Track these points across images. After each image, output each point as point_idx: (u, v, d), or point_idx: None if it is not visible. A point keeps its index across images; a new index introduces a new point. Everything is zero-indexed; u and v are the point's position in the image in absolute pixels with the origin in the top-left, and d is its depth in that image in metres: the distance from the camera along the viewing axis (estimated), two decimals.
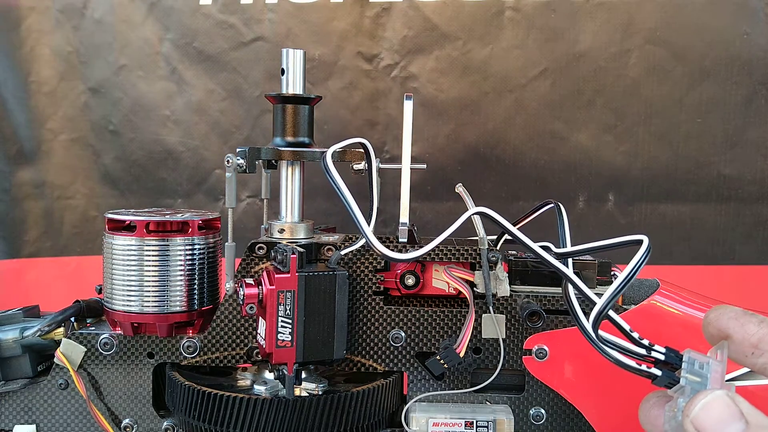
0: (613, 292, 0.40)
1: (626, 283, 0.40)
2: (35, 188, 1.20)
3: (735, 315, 0.38)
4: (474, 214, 0.46)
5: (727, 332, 0.37)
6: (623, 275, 0.40)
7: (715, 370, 0.36)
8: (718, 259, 1.11)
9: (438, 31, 1.11)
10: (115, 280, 0.58)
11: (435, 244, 0.48)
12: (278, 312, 0.52)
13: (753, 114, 1.08)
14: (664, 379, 0.39)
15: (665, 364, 0.39)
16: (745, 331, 0.37)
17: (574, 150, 1.11)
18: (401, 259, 0.47)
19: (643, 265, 0.41)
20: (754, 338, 0.37)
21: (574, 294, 0.44)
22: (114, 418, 0.60)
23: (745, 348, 0.37)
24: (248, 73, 1.15)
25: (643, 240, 0.41)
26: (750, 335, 0.37)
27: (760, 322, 0.37)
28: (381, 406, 0.56)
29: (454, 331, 0.58)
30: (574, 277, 0.44)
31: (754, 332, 0.37)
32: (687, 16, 1.07)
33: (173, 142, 1.17)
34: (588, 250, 0.47)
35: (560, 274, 0.45)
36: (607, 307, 0.40)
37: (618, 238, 0.44)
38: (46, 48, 1.17)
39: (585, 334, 0.40)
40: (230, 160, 0.56)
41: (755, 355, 0.37)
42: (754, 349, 0.37)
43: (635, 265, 0.40)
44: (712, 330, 0.38)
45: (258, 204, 1.16)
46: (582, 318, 0.41)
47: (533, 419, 0.58)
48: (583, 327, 0.40)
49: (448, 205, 1.13)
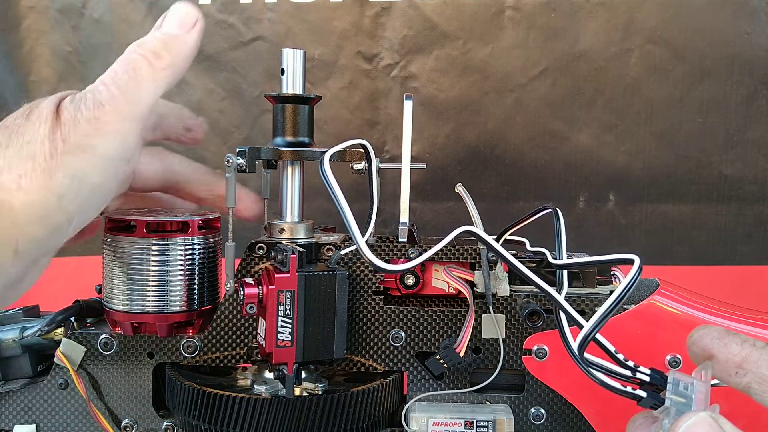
0: (602, 315, 0.40)
1: (616, 305, 0.40)
2: None
3: (718, 335, 0.38)
4: (461, 232, 0.47)
5: (711, 352, 0.38)
6: (613, 297, 0.40)
7: (700, 390, 0.36)
8: (719, 259, 1.11)
9: (438, 30, 1.11)
10: (115, 280, 0.58)
11: (425, 258, 0.49)
12: (278, 312, 0.52)
13: (754, 114, 1.08)
14: (649, 400, 0.39)
15: (650, 386, 0.39)
16: (729, 351, 0.37)
17: (575, 150, 1.11)
18: (391, 270, 0.47)
19: (634, 285, 0.41)
20: (738, 358, 0.37)
21: (564, 316, 0.44)
22: (114, 417, 0.60)
23: (729, 368, 0.37)
24: (247, 72, 1.15)
25: (635, 259, 0.42)
26: (733, 355, 0.37)
27: (743, 342, 0.37)
28: (381, 406, 0.56)
29: (454, 331, 0.58)
30: (561, 299, 0.44)
31: (737, 352, 0.37)
32: (688, 15, 1.07)
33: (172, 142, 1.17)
34: (581, 264, 0.48)
35: (548, 297, 0.45)
36: (593, 331, 0.40)
37: (611, 256, 0.46)
38: (45, 48, 1.17)
39: (573, 357, 0.40)
40: (230, 160, 0.56)
41: (739, 375, 0.37)
42: (738, 369, 0.37)
43: (626, 286, 0.41)
44: (696, 350, 0.39)
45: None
46: (570, 341, 0.41)
47: (533, 419, 0.58)
48: (571, 350, 0.41)
49: (448, 205, 1.13)
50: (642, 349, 0.56)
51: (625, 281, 0.40)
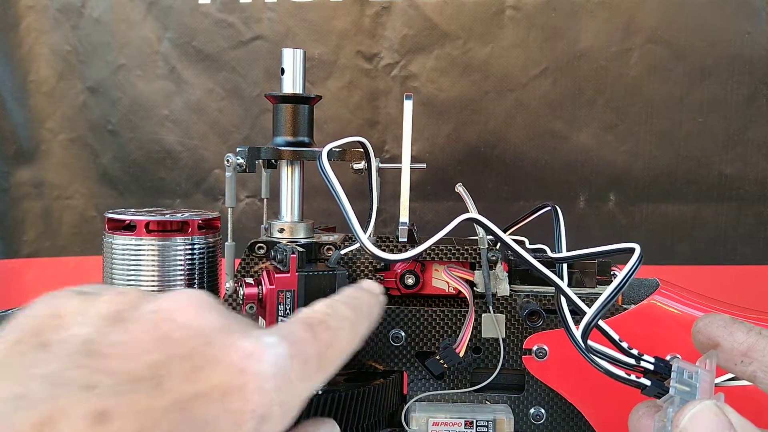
0: (604, 301, 0.40)
1: (617, 291, 0.40)
2: (34, 188, 1.20)
3: (724, 323, 0.38)
4: (464, 220, 0.46)
5: (716, 341, 0.37)
6: (614, 284, 0.40)
7: (704, 379, 0.36)
8: (720, 259, 1.11)
9: (438, 30, 1.11)
10: (115, 279, 0.57)
11: (427, 246, 0.48)
12: (278, 312, 0.52)
13: (755, 113, 1.08)
14: (653, 389, 0.39)
15: (654, 374, 0.39)
16: (734, 339, 0.37)
17: (575, 149, 1.11)
18: (392, 260, 0.47)
19: (635, 272, 0.41)
20: (743, 346, 0.36)
21: (565, 303, 0.44)
22: None
23: (734, 356, 0.37)
24: (247, 72, 1.15)
25: (635, 248, 0.41)
26: (739, 343, 0.37)
27: (749, 330, 0.37)
28: (381, 406, 0.56)
29: (454, 331, 0.58)
30: (563, 285, 0.44)
31: (743, 340, 0.37)
32: (688, 15, 1.07)
33: (172, 142, 1.17)
34: (581, 256, 0.47)
35: (551, 282, 0.45)
36: (596, 317, 0.40)
37: (611, 246, 0.45)
38: (44, 47, 1.17)
39: (575, 344, 0.40)
40: (230, 160, 0.56)
41: (744, 363, 0.36)
42: (743, 357, 0.36)
43: (627, 273, 0.40)
44: (701, 338, 0.38)
45: (257, 204, 1.16)
46: (573, 328, 0.41)
47: (533, 419, 0.58)
48: (573, 337, 0.40)
49: (448, 205, 1.13)
50: (642, 349, 0.56)
51: (625, 269, 0.40)
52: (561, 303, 0.44)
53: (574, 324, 0.42)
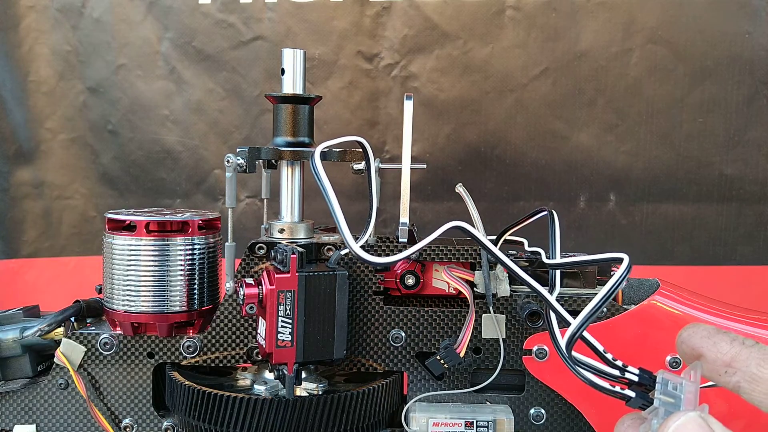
0: (589, 312, 0.40)
1: (603, 302, 0.40)
2: (34, 188, 1.20)
3: (707, 333, 0.37)
4: (450, 228, 0.46)
5: (700, 351, 0.37)
6: (600, 294, 0.40)
7: (689, 390, 0.36)
8: (720, 259, 1.11)
9: (438, 30, 1.11)
10: (115, 279, 0.58)
11: (413, 251, 0.47)
12: (278, 312, 0.52)
13: (755, 114, 1.08)
14: (637, 400, 0.39)
15: (639, 386, 0.39)
16: (718, 350, 0.36)
17: (576, 150, 1.11)
18: (377, 263, 0.46)
19: (622, 283, 0.41)
20: (727, 357, 0.36)
21: (554, 315, 0.44)
22: (114, 417, 0.60)
23: (718, 367, 0.36)
24: (247, 72, 1.15)
25: (624, 258, 0.41)
26: (722, 354, 0.36)
27: (732, 341, 0.36)
28: (381, 406, 0.56)
29: (454, 331, 0.58)
30: (551, 299, 0.44)
31: (727, 351, 0.36)
32: (688, 15, 1.07)
33: (172, 142, 1.17)
34: (572, 264, 0.47)
35: (538, 295, 0.45)
36: (581, 328, 0.40)
37: (601, 255, 0.45)
38: (44, 47, 1.17)
39: (560, 354, 0.40)
40: (230, 160, 0.56)
41: (728, 373, 0.36)
42: (727, 368, 0.36)
43: (614, 284, 0.40)
44: (685, 349, 0.38)
45: (258, 204, 1.16)
46: (559, 339, 0.41)
47: (533, 419, 0.58)
48: (558, 348, 0.40)
49: (448, 205, 1.13)
50: (643, 349, 0.56)
51: (612, 280, 0.40)
52: (548, 314, 0.44)
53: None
